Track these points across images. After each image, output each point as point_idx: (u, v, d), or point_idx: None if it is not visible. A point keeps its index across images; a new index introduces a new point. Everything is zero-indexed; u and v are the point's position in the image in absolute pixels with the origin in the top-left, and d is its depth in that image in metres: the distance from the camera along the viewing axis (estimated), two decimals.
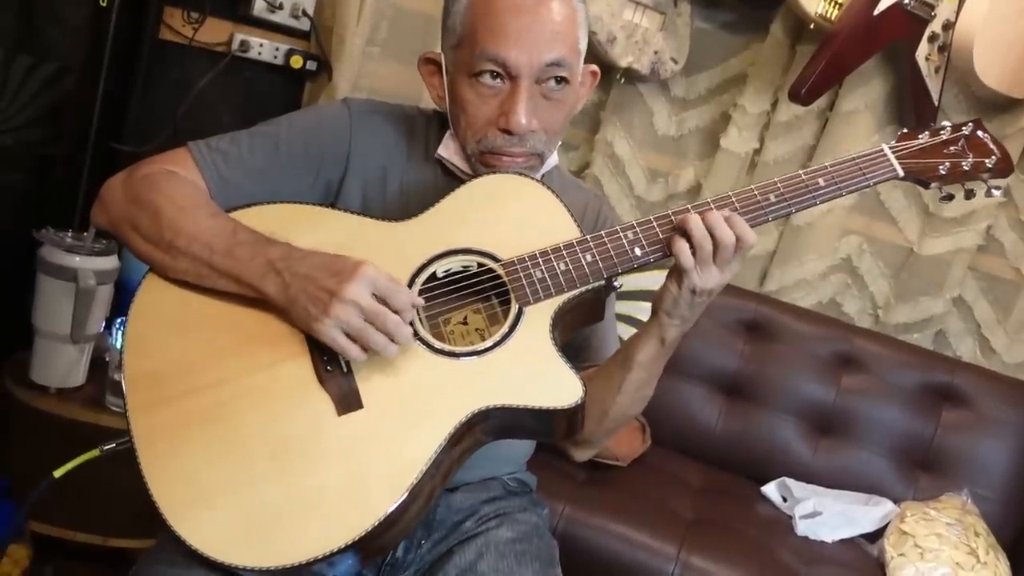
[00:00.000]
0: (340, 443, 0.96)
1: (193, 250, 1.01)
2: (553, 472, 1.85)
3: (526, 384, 0.99)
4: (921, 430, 2.13)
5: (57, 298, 1.71)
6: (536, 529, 1.21)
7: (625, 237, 1.05)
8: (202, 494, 0.93)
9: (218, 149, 1.12)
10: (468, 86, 1.10)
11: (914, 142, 1.12)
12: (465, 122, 1.11)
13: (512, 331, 1.02)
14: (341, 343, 0.95)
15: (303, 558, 0.90)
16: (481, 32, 1.07)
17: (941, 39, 2.18)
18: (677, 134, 2.51)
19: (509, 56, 1.06)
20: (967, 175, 1.13)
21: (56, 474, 1.10)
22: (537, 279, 1.03)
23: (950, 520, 1.85)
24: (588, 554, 1.71)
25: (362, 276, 0.95)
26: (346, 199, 1.15)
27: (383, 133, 1.19)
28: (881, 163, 1.09)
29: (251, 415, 0.97)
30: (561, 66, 1.09)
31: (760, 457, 2.14)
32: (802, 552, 1.83)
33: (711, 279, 1.02)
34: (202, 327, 1.02)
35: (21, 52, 1.83)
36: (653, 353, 1.10)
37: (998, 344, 2.36)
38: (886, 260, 2.42)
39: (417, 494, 0.95)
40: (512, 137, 1.09)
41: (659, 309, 1.07)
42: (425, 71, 1.18)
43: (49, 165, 1.97)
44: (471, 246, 1.06)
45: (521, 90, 1.07)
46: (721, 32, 2.46)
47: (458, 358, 1.00)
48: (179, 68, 2.07)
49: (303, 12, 2.16)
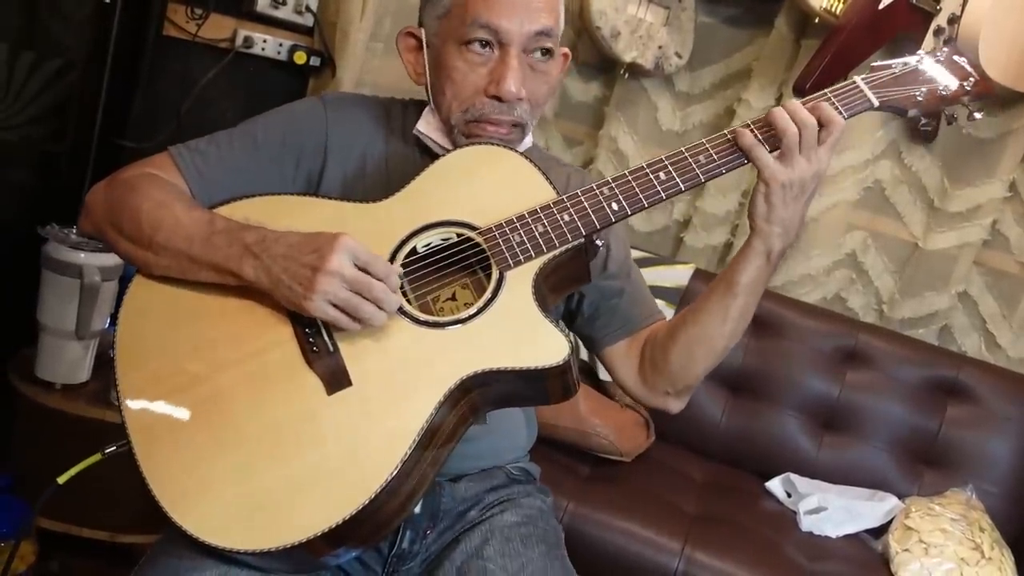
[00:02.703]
0: (332, 422, 0.97)
1: (173, 244, 1.02)
2: (557, 467, 1.85)
3: (511, 346, 1.00)
4: (926, 425, 2.12)
5: (62, 294, 1.71)
6: (541, 513, 1.22)
7: (601, 193, 1.05)
8: (200, 484, 0.94)
9: (197, 150, 1.14)
10: (457, 55, 1.11)
11: (888, 71, 1.10)
12: (452, 92, 1.12)
13: (495, 296, 1.02)
14: (332, 315, 0.96)
15: (302, 537, 0.91)
16: (472, 1, 1.09)
17: (947, 33, 2.17)
18: (681, 129, 2.51)
19: (501, 24, 1.08)
20: (945, 100, 1.11)
21: (60, 480, 1.11)
22: (516, 243, 1.04)
23: (955, 515, 1.84)
24: (592, 549, 1.71)
25: (341, 247, 0.95)
26: (327, 189, 1.16)
27: (359, 121, 1.20)
28: (854, 95, 1.07)
29: (243, 402, 0.98)
30: (549, 36, 1.11)
31: (764, 452, 2.14)
32: (806, 547, 1.83)
33: (798, 168, 1.02)
34: (190, 321, 1.03)
35: (25, 48, 1.83)
36: (757, 273, 1.09)
37: (1003, 339, 2.35)
38: (891, 255, 2.41)
39: (411, 467, 0.95)
40: (501, 104, 1.11)
41: (756, 219, 1.06)
42: (403, 46, 1.20)
43: (53, 161, 1.97)
44: (449, 218, 1.07)
45: (511, 57, 1.09)
46: (725, 27, 2.46)
47: (443, 328, 1.01)
48: (183, 64, 2.07)
49: (306, 8, 2.16)
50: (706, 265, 2.44)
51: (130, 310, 1.05)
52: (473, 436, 1.05)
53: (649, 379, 1.22)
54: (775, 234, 1.06)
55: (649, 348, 1.22)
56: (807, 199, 1.05)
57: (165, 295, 1.04)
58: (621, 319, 1.25)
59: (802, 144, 1.02)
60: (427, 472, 0.99)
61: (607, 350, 1.26)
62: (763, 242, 1.07)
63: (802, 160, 1.02)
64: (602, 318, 1.25)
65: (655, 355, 1.20)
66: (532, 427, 1.33)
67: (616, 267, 1.25)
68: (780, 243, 1.07)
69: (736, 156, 1.05)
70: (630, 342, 1.25)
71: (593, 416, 1.94)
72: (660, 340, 1.20)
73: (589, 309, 1.25)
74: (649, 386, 1.23)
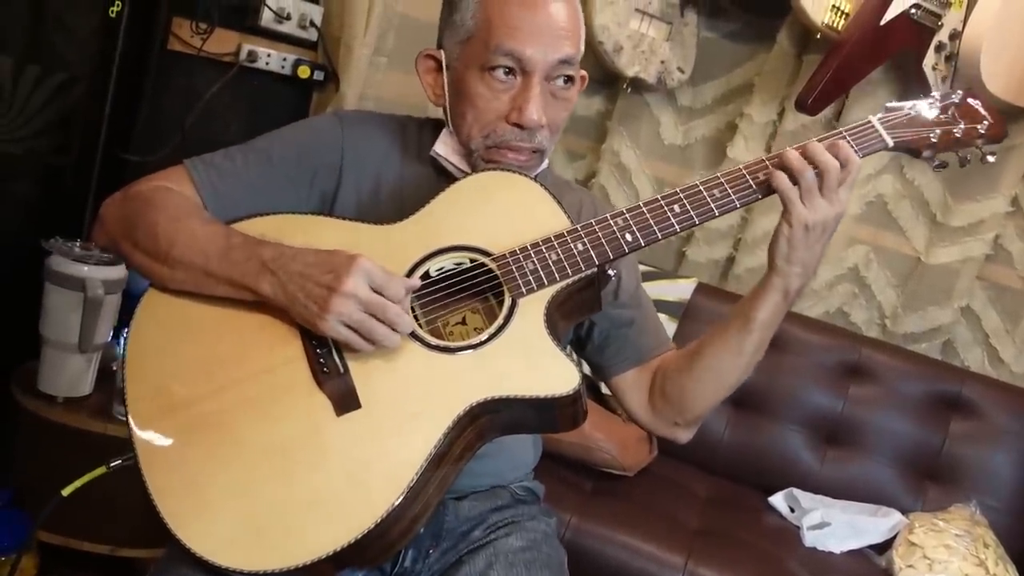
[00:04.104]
0: (340, 444, 0.96)
1: (189, 258, 1.02)
2: (560, 482, 1.85)
3: (522, 375, 0.99)
4: (929, 440, 2.12)
5: (65, 308, 1.71)
6: (545, 537, 1.21)
7: (615, 224, 1.05)
8: (205, 501, 0.94)
9: (212, 164, 1.13)
10: (479, 80, 1.11)
11: (902, 112, 1.10)
12: (472, 116, 1.12)
13: (507, 323, 1.02)
14: (345, 335, 0.96)
15: (307, 559, 0.90)
16: (496, 27, 1.08)
17: (948, 49, 2.17)
18: (684, 143, 2.51)
19: (525, 52, 1.08)
20: (959, 142, 1.11)
21: (64, 492, 1.11)
22: (529, 270, 1.04)
23: (959, 531, 1.84)
24: (595, 564, 1.71)
25: (358, 269, 0.95)
26: (341, 209, 1.16)
27: (375, 141, 1.20)
28: (870, 134, 1.08)
29: (251, 420, 0.97)
30: (571, 64, 1.11)
31: (767, 467, 2.14)
32: (810, 563, 1.82)
33: (820, 210, 1.02)
34: (202, 336, 1.03)
35: (30, 62, 1.84)
36: (774, 309, 1.09)
37: (1007, 354, 2.34)
38: (894, 269, 2.41)
39: (418, 491, 0.95)
40: (522, 132, 1.11)
41: (776, 257, 1.05)
42: (422, 68, 1.19)
43: (57, 175, 1.98)
44: (462, 243, 1.07)
45: (534, 85, 1.09)
46: (727, 42, 2.47)
47: (454, 353, 1.01)
48: (187, 78, 2.08)
49: (310, 23, 2.17)
50: (708, 279, 2.44)
51: (142, 321, 1.05)
52: (479, 454, 1.05)
53: (658, 409, 1.22)
54: (794, 274, 1.06)
55: (660, 378, 1.21)
56: (827, 239, 1.05)
57: (177, 308, 1.04)
58: (631, 348, 1.24)
59: (824, 186, 1.02)
60: (432, 496, 0.99)
61: (616, 379, 1.26)
62: (782, 281, 1.06)
63: (823, 202, 1.02)
64: (612, 347, 1.24)
65: (666, 385, 1.20)
66: (538, 447, 1.33)
67: (627, 296, 1.24)
68: (799, 282, 1.07)
69: (751, 192, 1.05)
70: (640, 371, 1.24)
71: (596, 431, 1.94)
72: (671, 370, 1.19)
73: (599, 337, 1.25)
74: (658, 416, 1.22)
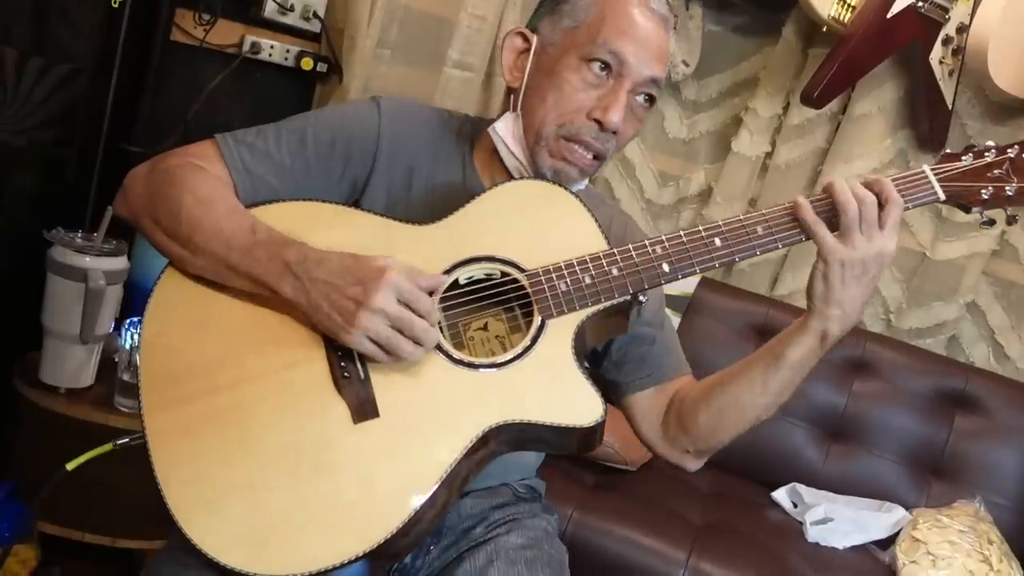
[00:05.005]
0: (354, 452, 0.95)
1: (211, 247, 1.00)
2: (562, 476, 1.84)
3: (545, 400, 0.98)
4: (934, 436, 2.11)
5: (67, 298, 1.71)
6: (546, 535, 1.20)
7: (653, 251, 1.04)
8: (213, 496, 0.93)
9: (244, 142, 1.11)
10: (574, 69, 1.10)
11: (956, 164, 1.07)
12: (554, 100, 1.10)
13: (533, 344, 1.00)
14: (370, 349, 0.95)
15: (312, 568, 0.89)
16: (608, 25, 1.09)
17: (955, 42, 2.16)
18: (688, 137, 2.50)
19: (628, 56, 1.08)
20: (1011, 200, 1.08)
21: (69, 467, 1.10)
22: (561, 291, 1.02)
23: (963, 527, 1.83)
24: (597, 559, 1.70)
25: (387, 283, 0.94)
26: (371, 197, 1.14)
27: (412, 133, 1.18)
28: (922, 185, 1.05)
29: (266, 418, 0.96)
30: (657, 85, 1.12)
31: (771, 462, 2.13)
32: (813, 558, 1.82)
33: (859, 247, 1.00)
34: (220, 325, 1.01)
35: (34, 54, 1.83)
36: (807, 352, 1.05)
37: (1012, 350, 2.34)
38: (899, 265, 2.40)
39: (429, 508, 0.94)
40: (599, 131, 1.10)
41: (814, 298, 1.03)
42: (508, 45, 1.17)
43: (60, 166, 1.98)
44: (495, 254, 1.05)
45: (623, 90, 1.09)
46: (733, 35, 2.46)
47: (477, 369, 0.99)
48: (190, 70, 2.08)
49: (314, 14, 2.16)
50: (712, 273, 2.43)
51: (160, 303, 1.03)
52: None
53: (672, 435, 1.19)
54: (833, 317, 1.02)
55: (677, 404, 1.18)
56: (869, 281, 1.02)
57: (196, 294, 1.02)
58: (649, 367, 1.21)
59: (862, 221, 1.00)
60: (442, 509, 0.97)
61: (631, 398, 1.22)
62: (819, 323, 1.04)
63: (862, 239, 1.00)
64: (630, 364, 1.22)
65: (682, 412, 1.17)
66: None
67: (650, 315, 1.22)
68: (838, 327, 1.03)
69: (796, 232, 1.04)
70: (656, 393, 1.21)
71: None
72: (690, 398, 1.17)
73: (617, 354, 1.22)
74: (670, 442, 1.19)
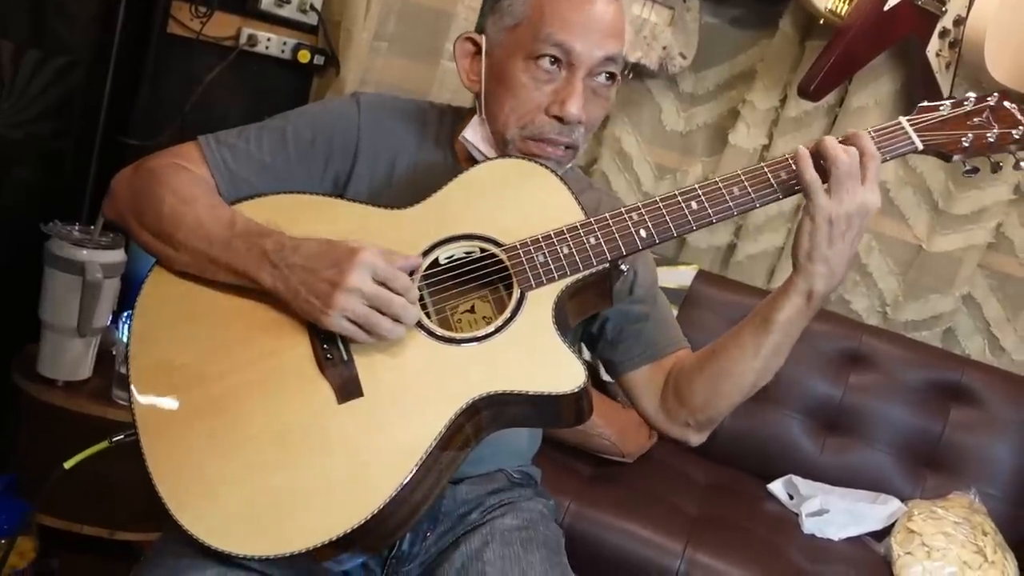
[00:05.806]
0: (341, 431, 0.96)
1: (193, 242, 1.02)
2: (559, 468, 1.85)
3: (527, 370, 0.99)
4: (929, 428, 2.12)
5: (64, 291, 1.71)
6: (542, 517, 1.21)
7: (630, 218, 1.04)
8: (205, 484, 0.94)
9: (226, 143, 1.13)
10: (522, 69, 1.09)
11: (934, 114, 1.07)
12: (511, 105, 1.10)
13: (514, 316, 1.01)
14: (350, 330, 0.96)
15: (306, 545, 0.90)
16: (548, 17, 1.07)
17: (952, 35, 2.16)
18: (685, 130, 2.50)
19: (575, 45, 1.07)
20: (992, 147, 1.08)
21: (66, 465, 1.11)
22: (539, 263, 1.03)
23: (958, 519, 1.84)
24: (593, 550, 1.71)
25: (360, 263, 0.95)
26: (354, 191, 1.15)
27: (392, 126, 1.19)
28: (899, 136, 1.05)
29: (254, 405, 0.98)
30: (615, 62, 1.10)
31: (767, 454, 2.14)
32: (808, 550, 1.83)
33: (844, 202, 0.99)
34: (207, 319, 1.03)
35: (31, 47, 1.83)
36: (796, 312, 1.04)
37: (1007, 342, 2.34)
38: (895, 257, 2.40)
39: (418, 481, 0.95)
40: (561, 125, 1.09)
41: (799, 257, 1.02)
42: (460, 51, 1.16)
43: (57, 159, 1.97)
44: (473, 231, 1.06)
45: (577, 80, 1.08)
46: (730, 27, 2.45)
47: (459, 344, 1.00)
48: (187, 62, 2.07)
49: (311, 6, 2.15)
50: (709, 266, 2.43)
51: (148, 299, 1.05)
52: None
53: (671, 409, 1.19)
54: (818, 274, 1.02)
55: (674, 378, 1.19)
56: (854, 237, 1.01)
57: (183, 289, 1.04)
58: (644, 344, 1.22)
59: (847, 176, 0.99)
60: (433, 486, 0.98)
61: (628, 375, 1.23)
62: (805, 281, 1.03)
63: (848, 194, 0.99)
64: (625, 343, 1.22)
65: (679, 385, 1.17)
66: (536, 437, 1.33)
67: (643, 292, 1.22)
68: (823, 284, 1.02)
69: (771, 191, 1.03)
70: (653, 369, 1.21)
71: (595, 416, 1.92)
72: (686, 370, 1.17)
73: (612, 333, 1.23)
74: (670, 416, 1.19)
